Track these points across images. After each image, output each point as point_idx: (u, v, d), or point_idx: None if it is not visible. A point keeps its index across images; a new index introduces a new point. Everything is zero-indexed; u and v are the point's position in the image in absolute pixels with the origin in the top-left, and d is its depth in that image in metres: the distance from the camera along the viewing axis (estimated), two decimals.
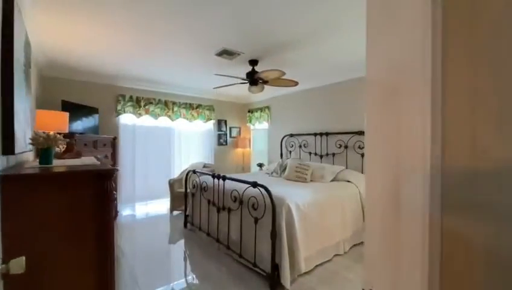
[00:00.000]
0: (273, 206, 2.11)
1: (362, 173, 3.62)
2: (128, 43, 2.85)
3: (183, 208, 3.73)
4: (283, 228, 2.16)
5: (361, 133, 3.68)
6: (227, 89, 5.06)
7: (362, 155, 3.68)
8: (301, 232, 2.26)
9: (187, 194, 3.60)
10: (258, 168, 5.30)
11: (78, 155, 2.25)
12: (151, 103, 4.64)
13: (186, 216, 3.59)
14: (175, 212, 4.37)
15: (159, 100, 4.74)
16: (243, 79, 3.19)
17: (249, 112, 5.89)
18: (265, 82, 3.30)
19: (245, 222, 2.49)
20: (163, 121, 4.87)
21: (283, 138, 4.94)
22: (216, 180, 2.89)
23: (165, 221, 3.98)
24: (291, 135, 4.77)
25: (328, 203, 2.65)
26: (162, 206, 4.68)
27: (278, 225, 2.16)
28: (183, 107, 5.05)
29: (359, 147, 3.72)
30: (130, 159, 4.46)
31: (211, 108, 5.46)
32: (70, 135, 2.96)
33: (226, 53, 2.98)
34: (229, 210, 2.69)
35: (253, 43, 2.76)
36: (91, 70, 3.82)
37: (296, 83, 3.36)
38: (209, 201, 3.06)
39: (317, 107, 4.41)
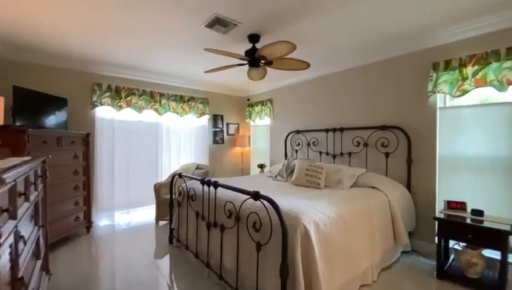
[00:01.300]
0: (284, 230, 1.44)
1: (386, 176, 2.96)
2: (101, 18, 2.19)
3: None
4: (298, 260, 1.49)
5: (385, 127, 3.02)
6: (224, 79, 4.39)
7: (387, 155, 3.01)
8: (323, 264, 1.59)
9: (172, 203, 2.92)
10: (259, 169, 4.63)
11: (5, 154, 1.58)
12: (133, 93, 3.96)
13: (171, 230, 2.92)
14: (161, 223, 3.70)
15: (144, 91, 4.06)
16: (241, 58, 2.52)
17: (248, 106, 5.22)
18: (269, 63, 2.63)
19: (244, 246, 1.82)
20: (149, 115, 4.19)
21: (288, 135, 4.27)
22: (206, 187, 2.22)
23: (148, 234, 3.31)
24: (298, 132, 4.10)
25: (354, 218, 1.98)
26: (146, 215, 4.01)
27: (291, 256, 1.50)
28: (173, 100, 4.37)
29: (383, 145, 3.05)
30: (108, 159, 3.79)
31: (205, 101, 4.79)
32: (16, 130, 2.29)
33: (218, 23, 2.31)
34: (222, 228, 2.02)
35: (253, 8, 2.09)
36: (57, 52, 3.15)
37: (307, 65, 2.69)
38: (197, 213, 2.39)
39: (329, 98, 3.73)
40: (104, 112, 3.77)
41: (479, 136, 2.41)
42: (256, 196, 1.64)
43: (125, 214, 3.97)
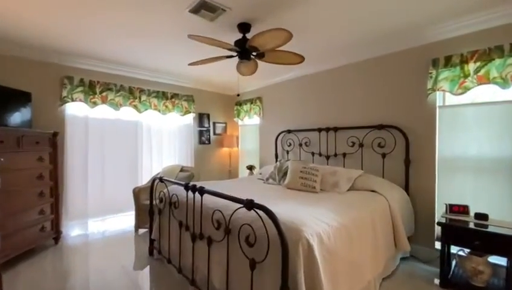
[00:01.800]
0: (285, 246, 1.22)
1: (383, 177, 2.82)
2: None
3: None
4: (301, 281, 1.27)
5: (382, 127, 2.87)
6: (211, 75, 4.12)
7: (383, 155, 2.87)
8: (328, 282, 1.38)
9: (152, 210, 2.62)
10: (248, 171, 4.39)
11: None
12: (110, 89, 3.59)
13: (151, 241, 2.62)
14: (141, 231, 3.38)
15: (122, 86, 3.71)
16: (230, 48, 2.27)
17: (236, 104, 4.96)
18: (261, 55, 2.40)
19: (235, 263, 1.57)
20: (128, 113, 3.84)
21: (278, 135, 4.06)
22: (190, 193, 1.95)
23: (126, 244, 2.98)
24: (289, 131, 3.90)
25: (358, 226, 1.79)
26: (124, 222, 3.66)
27: (292, 276, 1.27)
28: (154, 96, 4.03)
29: (379, 145, 2.90)
30: (81, 161, 3.40)
31: (189, 99, 4.48)
32: None
33: (205, 7, 2.05)
34: (210, 240, 1.76)
35: None
36: (14, 38, 2.75)
37: (301, 59, 2.49)
38: (180, 223, 2.12)
39: (322, 97, 3.55)
40: (75, 109, 3.38)
41: (480, 136, 2.30)
42: (249, 205, 1.40)
43: (100, 221, 3.60)
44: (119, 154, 3.78)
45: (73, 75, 3.33)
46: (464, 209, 2.23)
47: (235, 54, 2.41)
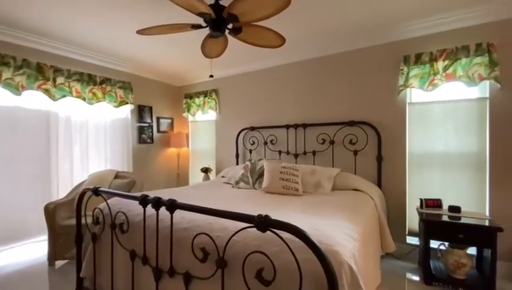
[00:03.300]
0: (333, 280, 0.81)
1: (355, 174, 2.72)
2: None
3: (75, 253, 1.91)
4: None
5: (353, 123, 2.78)
6: (154, 59, 3.38)
7: (355, 152, 2.78)
8: None
9: (81, 236, 1.82)
10: (203, 175, 3.80)
11: None
12: (5, 64, 2.49)
13: (79, 280, 1.81)
14: (60, 263, 2.43)
15: (26, 61, 2.63)
16: (199, 14, 1.73)
17: (186, 97, 4.27)
18: (238, 30, 1.94)
19: None
20: (35, 100, 2.76)
21: (240, 133, 3.62)
22: (150, 209, 1.34)
23: (36, 284, 2.04)
24: (253, 129, 3.50)
25: (366, 233, 1.53)
26: (32, 252, 2.60)
27: None
28: (77, 80, 3.04)
29: (351, 142, 2.80)
30: None
31: (126, 86, 3.60)
32: None
33: None
34: (188, 278, 1.21)
35: None
36: None
37: (282, 41, 2.13)
38: (132, 254, 1.46)
39: (290, 91, 3.29)
40: None
41: (447, 132, 2.40)
42: (263, 223, 0.94)
43: None
44: (22, 156, 2.67)
45: None
46: (437, 203, 2.27)
47: (204, 24, 1.87)
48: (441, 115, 2.43)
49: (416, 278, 2.20)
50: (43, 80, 2.74)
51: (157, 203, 1.30)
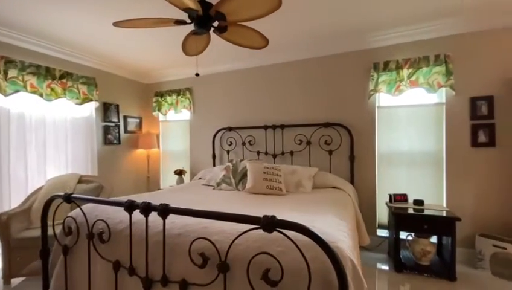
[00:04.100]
0: (342, 274, 0.85)
1: (330, 173, 2.87)
2: None
3: (35, 268, 1.68)
4: None
5: (328, 125, 2.92)
6: (122, 54, 3.16)
7: (330, 152, 2.93)
8: None
9: (47, 249, 1.62)
10: (176, 177, 3.65)
11: None
12: None
13: None
14: (16, 281, 2.13)
15: None
16: (185, 9, 1.66)
17: (156, 95, 4.05)
18: (223, 28, 1.91)
19: None
20: None
21: (216, 133, 3.55)
22: (137, 215, 1.25)
23: None
24: (230, 129, 3.46)
25: (353, 228, 1.62)
26: None
27: None
28: (32, 73, 2.69)
29: (326, 143, 2.94)
30: None
31: (90, 82, 3.29)
32: None
33: None
34: (184, 285, 1.15)
35: None
36: None
37: (266, 43, 2.15)
38: (117, 264, 1.34)
39: (269, 92, 3.32)
40: None
41: (411, 134, 2.66)
42: (270, 223, 0.94)
43: None
44: None
45: None
46: (404, 198, 2.51)
47: (189, 20, 1.80)
48: (405, 118, 2.68)
49: (386, 267, 2.39)
50: None
51: (147, 208, 1.22)
